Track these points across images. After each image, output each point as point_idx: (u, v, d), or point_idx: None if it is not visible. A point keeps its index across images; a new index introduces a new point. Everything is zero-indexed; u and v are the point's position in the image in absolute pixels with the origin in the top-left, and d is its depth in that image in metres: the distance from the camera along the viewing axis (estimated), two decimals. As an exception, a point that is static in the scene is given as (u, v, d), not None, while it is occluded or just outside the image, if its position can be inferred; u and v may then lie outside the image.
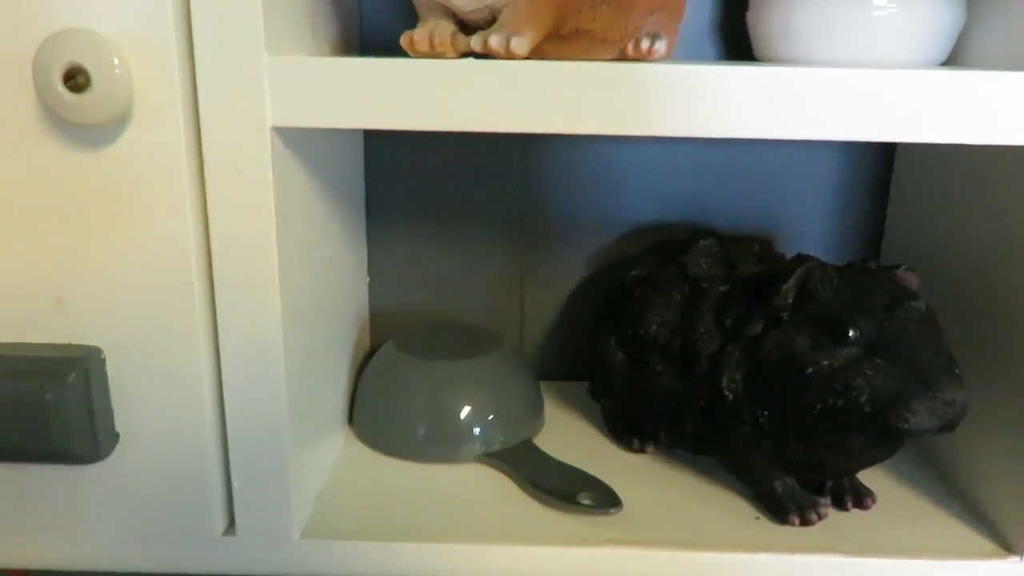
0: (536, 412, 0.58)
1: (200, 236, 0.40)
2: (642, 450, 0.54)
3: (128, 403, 0.42)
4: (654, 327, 0.50)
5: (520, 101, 0.37)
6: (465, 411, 0.54)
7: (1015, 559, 0.45)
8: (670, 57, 0.49)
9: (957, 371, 0.41)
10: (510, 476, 0.51)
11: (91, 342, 0.41)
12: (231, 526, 0.45)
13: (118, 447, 0.42)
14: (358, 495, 0.50)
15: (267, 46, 0.37)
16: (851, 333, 0.42)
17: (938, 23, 0.48)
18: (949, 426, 0.40)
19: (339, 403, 0.56)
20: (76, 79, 0.35)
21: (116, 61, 0.35)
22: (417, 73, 0.37)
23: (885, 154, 0.62)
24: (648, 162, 0.62)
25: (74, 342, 0.41)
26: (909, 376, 0.40)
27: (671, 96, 0.37)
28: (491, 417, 0.54)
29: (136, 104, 0.37)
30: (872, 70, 0.37)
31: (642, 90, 0.37)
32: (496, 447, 0.54)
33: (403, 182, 0.63)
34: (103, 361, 0.41)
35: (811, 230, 0.63)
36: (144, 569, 0.45)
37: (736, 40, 0.58)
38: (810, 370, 0.42)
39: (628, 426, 0.55)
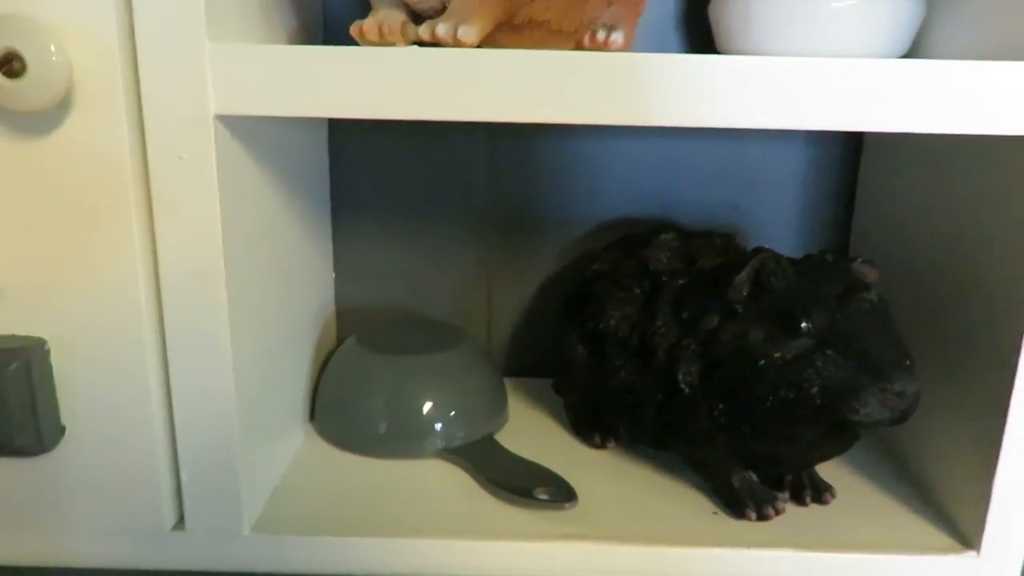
0: (499, 408, 0.57)
1: (145, 225, 0.39)
2: (603, 445, 0.54)
3: (74, 396, 0.41)
4: (613, 321, 0.50)
5: (471, 90, 0.37)
6: (426, 407, 0.54)
7: (972, 553, 0.44)
8: (628, 49, 0.49)
9: (908, 362, 0.41)
10: (469, 472, 0.51)
11: (35, 333, 0.40)
12: (180, 521, 0.44)
13: (63, 440, 0.42)
14: (315, 490, 0.49)
15: (210, 33, 0.36)
16: (803, 325, 0.41)
17: (897, 15, 0.47)
18: (901, 417, 0.40)
19: (299, 398, 0.55)
20: (12, 65, 0.34)
21: (53, 47, 0.35)
22: (364, 61, 0.37)
23: (852, 147, 0.61)
24: (616, 157, 0.62)
25: (17, 333, 0.40)
26: (860, 368, 0.40)
27: (630, 85, 0.37)
28: (452, 413, 0.54)
29: (76, 91, 0.37)
30: (837, 59, 0.36)
31: (600, 79, 0.37)
32: (457, 443, 0.53)
33: (369, 177, 0.62)
34: (47, 352, 0.40)
35: (779, 224, 0.63)
36: (91, 564, 0.44)
37: (698, 33, 0.58)
38: (762, 362, 0.42)
39: (590, 421, 0.55)
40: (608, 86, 0.37)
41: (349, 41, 0.42)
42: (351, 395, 0.55)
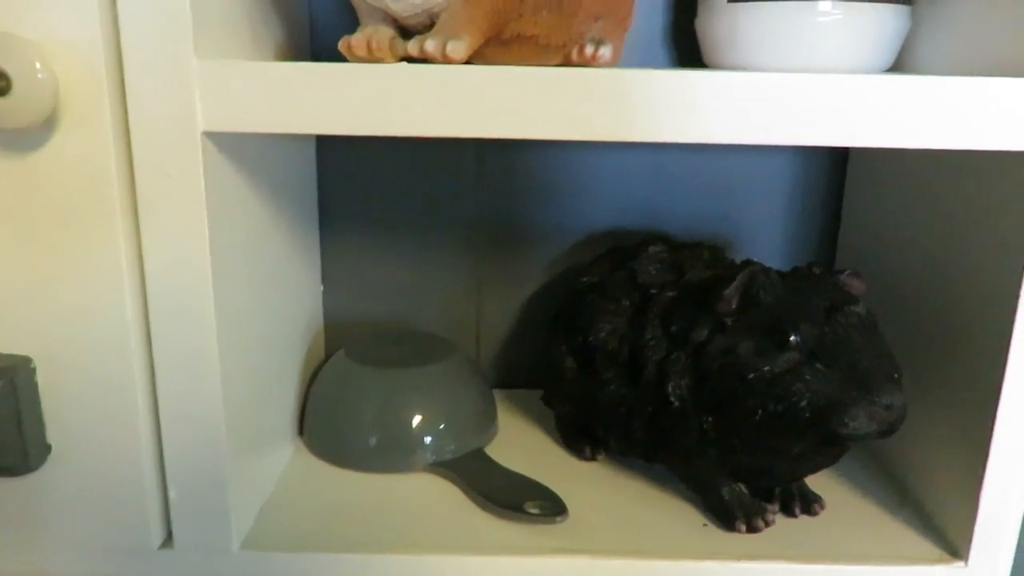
0: (488, 421, 0.57)
1: (132, 243, 0.39)
2: (593, 458, 0.54)
3: (60, 413, 0.41)
4: (603, 334, 0.50)
5: (461, 106, 0.37)
6: (416, 420, 0.54)
7: (960, 564, 0.44)
8: (616, 63, 0.49)
9: (896, 375, 0.41)
10: (459, 486, 0.51)
11: (21, 351, 0.40)
12: (168, 539, 0.44)
13: (50, 459, 0.41)
14: (304, 506, 0.49)
15: (197, 50, 0.36)
16: (792, 338, 0.41)
17: (882, 30, 0.48)
18: (888, 431, 0.40)
19: (288, 413, 0.55)
20: (-4, 83, 0.34)
21: (38, 65, 0.34)
22: (352, 77, 0.37)
23: (838, 160, 0.62)
24: (604, 169, 0.62)
25: (3, 351, 0.40)
26: (848, 381, 0.40)
27: (619, 101, 0.37)
28: (442, 426, 0.54)
29: (62, 109, 0.36)
30: (822, 75, 0.37)
31: (588, 95, 0.37)
32: (447, 456, 0.53)
33: (357, 190, 0.62)
34: (33, 371, 0.40)
35: (766, 236, 0.64)
36: (78, 583, 0.44)
37: (685, 47, 0.58)
38: (752, 375, 0.42)
39: (580, 434, 0.55)
40: (596, 102, 0.37)
41: (336, 57, 0.42)
42: (340, 409, 0.55)
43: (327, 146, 0.61)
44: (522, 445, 0.57)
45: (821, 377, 0.41)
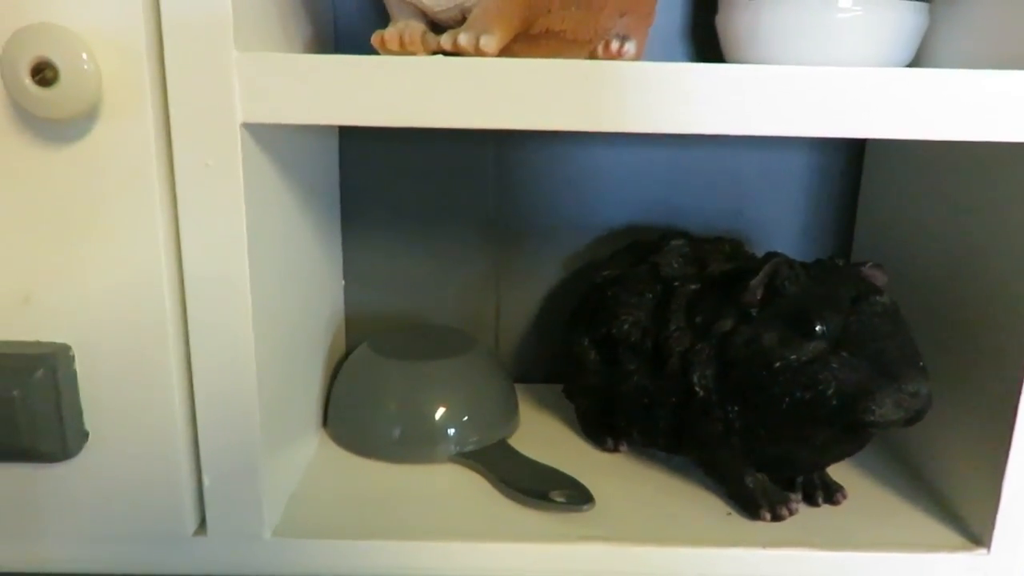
0: (511, 413, 0.58)
1: (170, 232, 0.40)
2: (616, 449, 0.55)
3: (98, 401, 0.42)
4: (626, 326, 0.51)
5: (491, 98, 0.37)
6: (439, 412, 0.54)
7: (983, 551, 0.45)
8: (640, 58, 0.50)
9: (921, 363, 0.42)
10: (484, 475, 0.52)
11: (60, 339, 0.40)
12: (202, 525, 0.44)
13: (87, 446, 0.42)
14: (332, 495, 0.50)
15: (236, 43, 0.37)
16: (817, 328, 0.42)
17: (901, 26, 0.49)
18: (914, 418, 0.41)
19: (313, 405, 0.56)
20: (44, 73, 0.35)
21: (85, 56, 0.35)
22: (386, 69, 0.37)
23: (854, 155, 0.62)
24: (622, 165, 0.63)
25: (43, 339, 0.40)
26: (874, 369, 0.41)
27: (644, 93, 0.38)
28: (465, 418, 0.54)
29: (105, 99, 0.37)
30: (843, 68, 0.37)
31: (614, 87, 0.37)
32: (470, 447, 0.54)
33: (378, 184, 0.63)
34: (72, 358, 0.40)
35: (783, 231, 0.64)
36: (113, 570, 0.44)
37: (706, 44, 0.59)
38: (778, 364, 0.43)
39: (602, 425, 0.56)
40: (623, 96, 0.38)
41: (360, 50, 0.43)
42: (365, 401, 0.55)
43: (350, 141, 0.61)
44: (544, 438, 0.57)
45: (847, 365, 0.41)
